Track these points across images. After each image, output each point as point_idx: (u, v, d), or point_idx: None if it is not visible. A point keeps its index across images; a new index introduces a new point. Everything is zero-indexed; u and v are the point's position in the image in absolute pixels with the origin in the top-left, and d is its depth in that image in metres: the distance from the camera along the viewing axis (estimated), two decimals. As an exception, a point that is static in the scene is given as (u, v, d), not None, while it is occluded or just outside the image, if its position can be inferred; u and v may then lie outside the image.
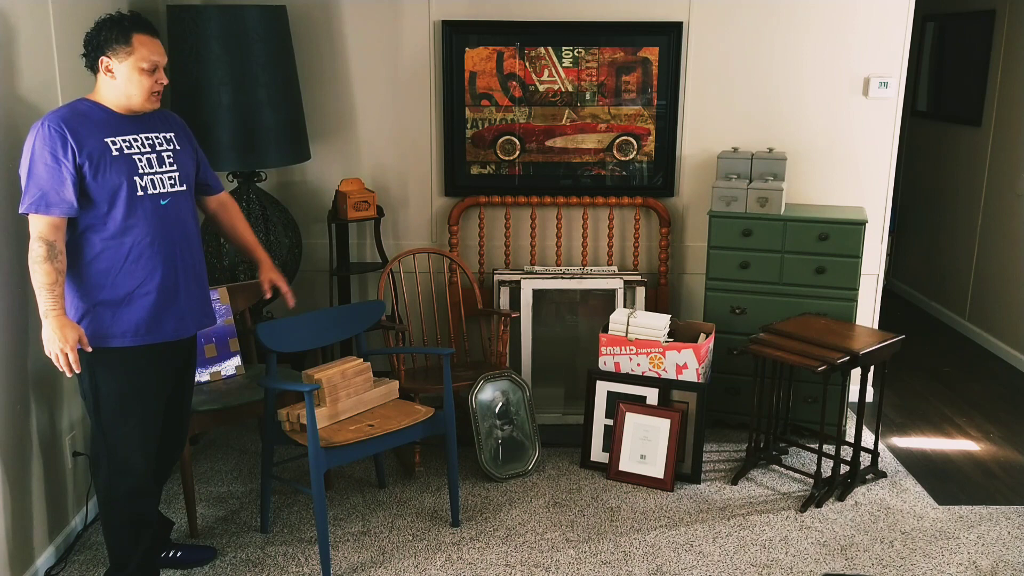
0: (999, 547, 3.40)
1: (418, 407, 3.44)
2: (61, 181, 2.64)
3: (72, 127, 2.67)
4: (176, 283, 2.87)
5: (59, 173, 2.63)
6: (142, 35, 2.75)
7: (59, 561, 3.23)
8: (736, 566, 3.26)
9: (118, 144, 2.74)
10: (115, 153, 2.73)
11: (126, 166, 2.74)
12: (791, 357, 3.62)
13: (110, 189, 2.72)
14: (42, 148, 2.64)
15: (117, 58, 2.72)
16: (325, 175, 4.48)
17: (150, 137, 2.83)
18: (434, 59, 4.37)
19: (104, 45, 2.72)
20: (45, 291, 2.63)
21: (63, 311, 2.66)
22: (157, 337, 2.85)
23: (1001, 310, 5.46)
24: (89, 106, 2.76)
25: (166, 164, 2.85)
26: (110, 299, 2.76)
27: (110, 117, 2.76)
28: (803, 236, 4.06)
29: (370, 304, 3.60)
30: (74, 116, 2.70)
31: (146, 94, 2.78)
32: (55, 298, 2.63)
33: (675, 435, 3.80)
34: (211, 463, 4.05)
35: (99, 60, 2.72)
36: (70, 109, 2.73)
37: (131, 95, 2.76)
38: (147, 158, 2.80)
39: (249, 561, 3.30)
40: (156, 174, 2.81)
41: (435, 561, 3.29)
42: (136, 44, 2.73)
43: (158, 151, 2.84)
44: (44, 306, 2.64)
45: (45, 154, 2.63)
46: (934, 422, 4.56)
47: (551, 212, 4.52)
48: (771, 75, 4.35)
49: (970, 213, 5.82)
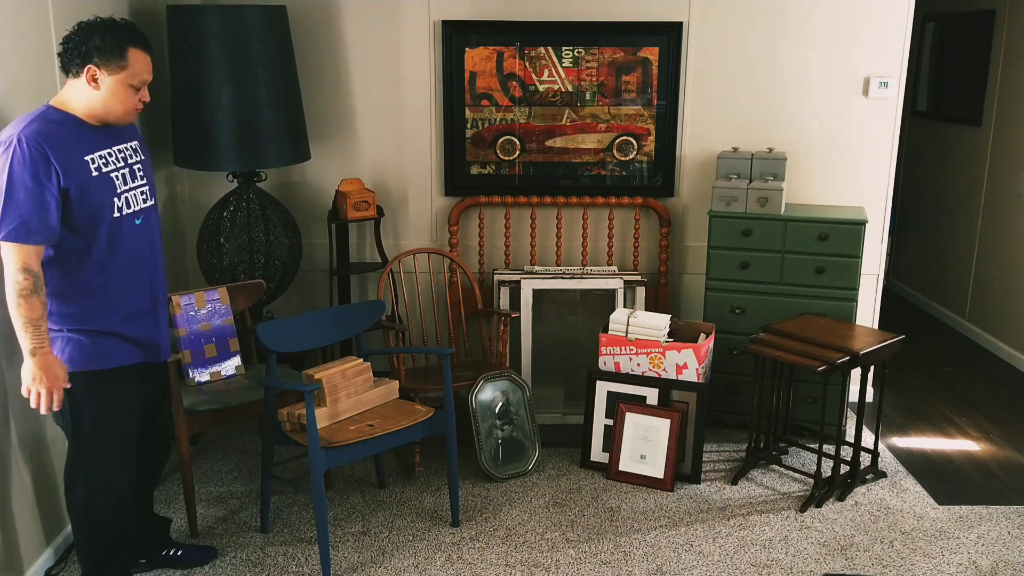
0: (999, 547, 3.40)
1: (418, 407, 3.44)
2: (44, 207, 2.45)
3: (53, 146, 2.47)
4: (153, 303, 2.82)
5: (42, 198, 2.44)
6: (137, 50, 2.60)
7: (59, 561, 3.23)
8: (736, 566, 3.26)
9: (96, 163, 2.59)
10: (95, 174, 2.58)
11: (106, 187, 2.61)
12: (791, 357, 3.62)
13: (92, 213, 2.57)
14: (21, 170, 2.42)
15: (107, 69, 2.55)
16: (325, 175, 4.48)
17: (122, 150, 2.70)
18: (434, 59, 4.37)
19: (94, 52, 2.53)
20: (31, 328, 2.47)
21: (49, 349, 2.52)
22: (137, 358, 2.78)
23: (1001, 310, 5.46)
24: (59, 117, 2.56)
25: (137, 178, 2.73)
26: (89, 326, 2.65)
27: (83, 129, 2.59)
28: (803, 236, 4.06)
29: (370, 304, 3.60)
30: (50, 132, 2.49)
31: (128, 111, 2.64)
32: (42, 335, 2.48)
33: (675, 435, 3.80)
34: (211, 463, 4.05)
35: (85, 67, 2.54)
36: (42, 122, 2.51)
37: (111, 110, 2.61)
38: (122, 174, 2.67)
39: (249, 561, 3.30)
40: (131, 191, 2.69)
41: (435, 561, 3.29)
42: (131, 59, 2.58)
43: (129, 164, 2.71)
44: (30, 343, 2.47)
45: (25, 176, 2.42)
46: (934, 422, 4.56)
47: (551, 212, 4.52)
48: (771, 75, 4.35)
49: (970, 213, 5.82)
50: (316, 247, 4.51)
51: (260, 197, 4.14)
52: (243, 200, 4.08)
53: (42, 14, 3.14)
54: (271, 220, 4.11)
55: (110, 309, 2.69)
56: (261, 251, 4.07)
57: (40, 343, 2.50)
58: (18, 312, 2.46)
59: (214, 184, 4.35)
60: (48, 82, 3.17)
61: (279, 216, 4.16)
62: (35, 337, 2.49)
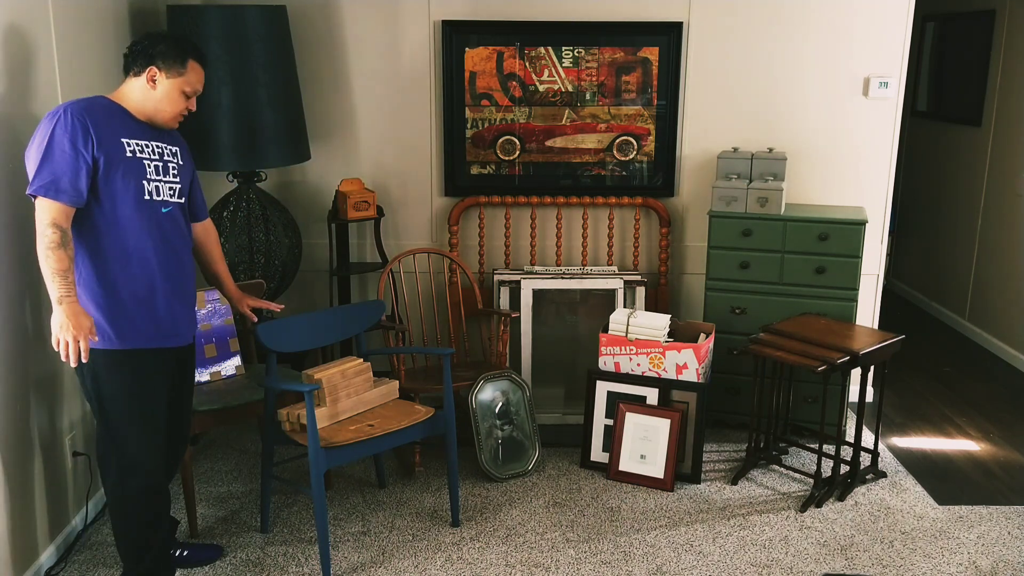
0: (999, 547, 3.40)
1: (418, 407, 3.44)
2: (76, 171, 2.63)
3: (94, 120, 2.68)
4: (177, 288, 2.89)
5: (76, 162, 2.63)
6: (196, 63, 2.86)
7: (60, 560, 3.23)
8: (736, 566, 3.26)
9: (131, 146, 2.76)
10: (128, 154, 2.75)
11: (136, 168, 2.76)
12: (791, 357, 3.62)
13: (120, 188, 2.72)
14: (62, 134, 2.63)
15: (166, 73, 2.79)
16: (325, 175, 4.48)
17: (160, 146, 2.86)
18: (434, 59, 4.37)
19: (159, 57, 2.78)
20: (59, 277, 2.59)
21: (76, 298, 2.64)
22: (155, 342, 2.85)
23: (1001, 310, 5.46)
24: (108, 104, 2.78)
25: (170, 175, 2.88)
26: (112, 301, 2.75)
27: (128, 119, 2.79)
28: (803, 236, 4.06)
29: (370, 304, 3.60)
30: (95, 110, 2.71)
31: (176, 115, 2.86)
32: (69, 284, 2.61)
33: (675, 435, 3.80)
34: (211, 463, 4.05)
35: (148, 68, 2.78)
36: (90, 102, 2.74)
37: (162, 110, 2.82)
38: (154, 165, 2.83)
39: (249, 561, 3.30)
40: (160, 182, 2.84)
41: (435, 561, 3.29)
42: (189, 68, 2.83)
43: (164, 161, 2.87)
44: (58, 292, 2.60)
45: (64, 141, 2.62)
46: (934, 422, 4.56)
47: (551, 212, 4.52)
48: (771, 75, 4.35)
49: (970, 213, 5.82)
50: (316, 247, 4.51)
51: (260, 197, 4.14)
52: (243, 200, 4.08)
53: (42, 14, 3.15)
54: (271, 220, 4.11)
55: (134, 289, 2.78)
56: (261, 251, 4.07)
57: (68, 291, 2.61)
58: (47, 263, 2.59)
59: (214, 184, 4.35)
60: (49, 82, 3.18)
61: (279, 216, 4.16)
62: (63, 286, 2.60)
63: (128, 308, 2.78)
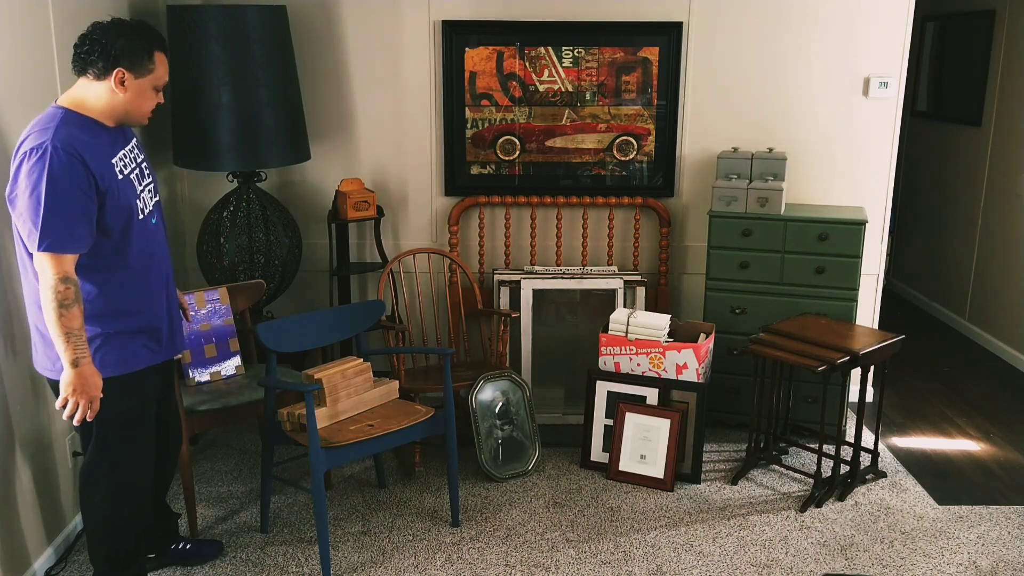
0: (999, 547, 3.40)
1: (418, 407, 3.44)
2: (89, 215, 2.44)
3: (87, 152, 2.44)
4: (168, 301, 2.83)
5: (85, 206, 2.42)
6: (161, 53, 2.60)
7: (59, 561, 3.23)
8: (736, 566, 3.26)
9: (118, 166, 2.58)
10: (120, 177, 2.57)
11: (129, 189, 2.61)
12: (791, 357, 3.62)
13: (122, 216, 2.56)
14: (63, 177, 2.38)
15: (135, 72, 2.53)
16: (325, 175, 4.48)
17: (131, 150, 2.69)
18: (434, 59, 4.37)
19: (124, 56, 2.50)
20: (75, 336, 2.42)
21: (91, 358, 2.50)
22: (159, 357, 2.79)
23: (1001, 310, 5.46)
24: (79, 120, 2.52)
25: (146, 177, 2.73)
26: (117, 329, 2.64)
27: (102, 132, 2.57)
28: (803, 236, 4.06)
29: (370, 304, 3.60)
30: (80, 137, 2.46)
31: (149, 112, 2.65)
32: (83, 344, 2.45)
33: (675, 435, 3.80)
34: (211, 463, 4.05)
35: (115, 70, 2.50)
36: (66, 128, 2.46)
37: (132, 112, 2.59)
38: (135, 175, 2.66)
39: (249, 561, 3.30)
40: (144, 191, 2.70)
41: (435, 561, 3.29)
42: (157, 62, 2.58)
43: (138, 163, 2.70)
44: (74, 353, 2.43)
45: (68, 185, 2.39)
46: (934, 422, 4.56)
47: (551, 212, 4.52)
48: (771, 75, 4.35)
49: (970, 213, 5.82)
50: (316, 247, 4.51)
51: (260, 197, 4.14)
52: (243, 200, 4.08)
53: (42, 14, 3.15)
54: (271, 220, 4.11)
55: (139, 310, 2.69)
56: (261, 251, 4.07)
57: (83, 353, 2.46)
58: (60, 323, 2.41)
59: (214, 184, 4.35)
60: (48, 82, 3.18)
61: (279, 216, 4.16)
62: (78, 347, 2.45)
63: (134, 332, 2.68)
